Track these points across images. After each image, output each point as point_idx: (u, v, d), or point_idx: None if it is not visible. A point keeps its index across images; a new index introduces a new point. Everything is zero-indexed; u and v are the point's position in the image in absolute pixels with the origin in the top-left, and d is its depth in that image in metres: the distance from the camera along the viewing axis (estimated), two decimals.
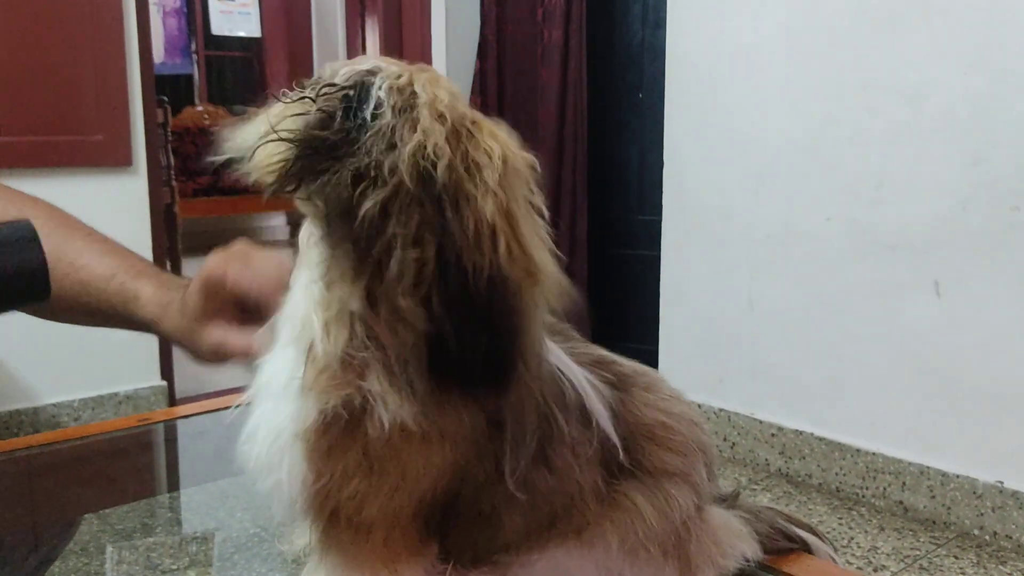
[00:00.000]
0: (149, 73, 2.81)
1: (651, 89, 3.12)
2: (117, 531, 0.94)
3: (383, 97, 0.51)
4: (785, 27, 2.37)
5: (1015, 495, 2.02)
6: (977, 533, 2.09)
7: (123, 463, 1.18)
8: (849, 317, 2.30)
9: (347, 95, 0.52)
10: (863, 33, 2.20)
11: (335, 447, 0.53)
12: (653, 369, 0.67)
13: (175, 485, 1.16)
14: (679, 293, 2.75)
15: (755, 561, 0.69)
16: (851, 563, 1.99)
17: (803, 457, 2.43)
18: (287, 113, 0.52)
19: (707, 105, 2.61)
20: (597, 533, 0.60)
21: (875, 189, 2.21)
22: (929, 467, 2.17)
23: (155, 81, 2.87)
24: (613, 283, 3.37)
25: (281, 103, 0.53)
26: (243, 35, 6.79)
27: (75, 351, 2.72)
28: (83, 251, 0.81)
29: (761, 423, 2.54)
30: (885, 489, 2.25)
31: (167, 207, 4.02)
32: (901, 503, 2.22)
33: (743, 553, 0.68)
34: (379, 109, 0.50)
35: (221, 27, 6.65)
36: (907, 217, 2.16)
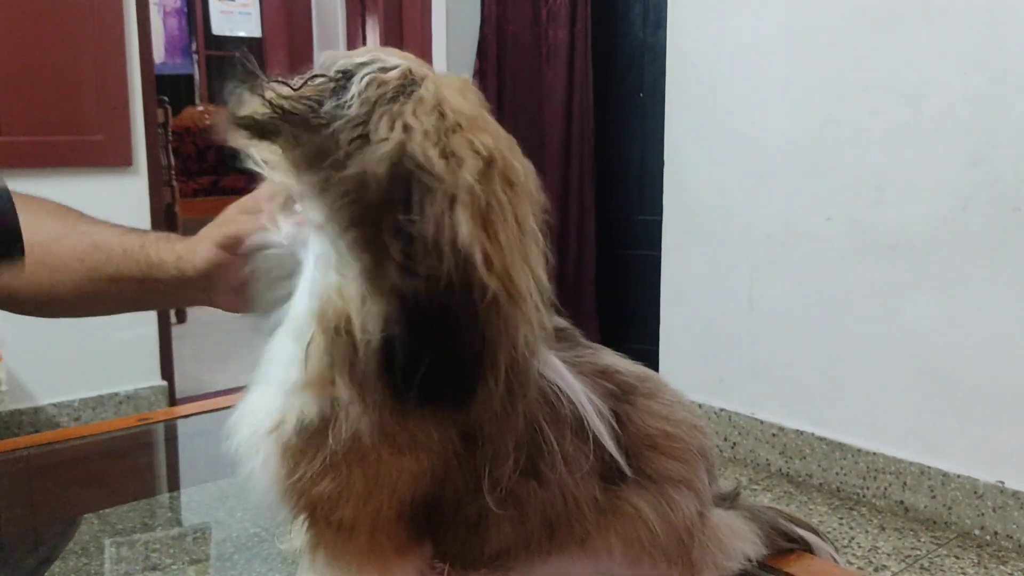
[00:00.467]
0: (149, 73, 2.81)
1: (652, 89, 3.12)
2: (117, 531, 0.94)
3: (360, 88, 0.50)
4: (785, 27, 2.37)
5: (1016, 495, 2.02)
6: (978, 533, 2.09)
7: (123, 463, 1.18)
8: (849, 317, 2.30)
9: (334, 84, 0.51)
10: (863, 33, 2.20)
11: (308, 447, 0.54)
12: (655, 373, 0.67)
13: (175, 485, 1.16)
14: (679, 293, 2.75)
15: (757, 561, 0.70)
16: (852, 563, 1.99)
17: (804, 457, 2.43)
18: (276, 92, 0.52)
19: (707, 105, 2.61)
20: (601, 542, 0.60)
21: (875, 189, 2.21)
22: (930, 467, 2.17)
23: (155, 81, 2.87)
24: (614, 283, 3.37)
25: (270, 87, 0.52)
26: (244, 35, 6.79)
27: (75, 351, 2.72)
28: (95, 223, 0.82)
29: (762, 423, 2.53)
30: (886, 489, 2.25)
31: (167, 207, 4.02)
32: (902, 503, 2.22)
33: (745, 553, 0.69)
34: (352, 99, 0.50)
35: (222, 27, 6.65)
36: (907, 217, 2.16)
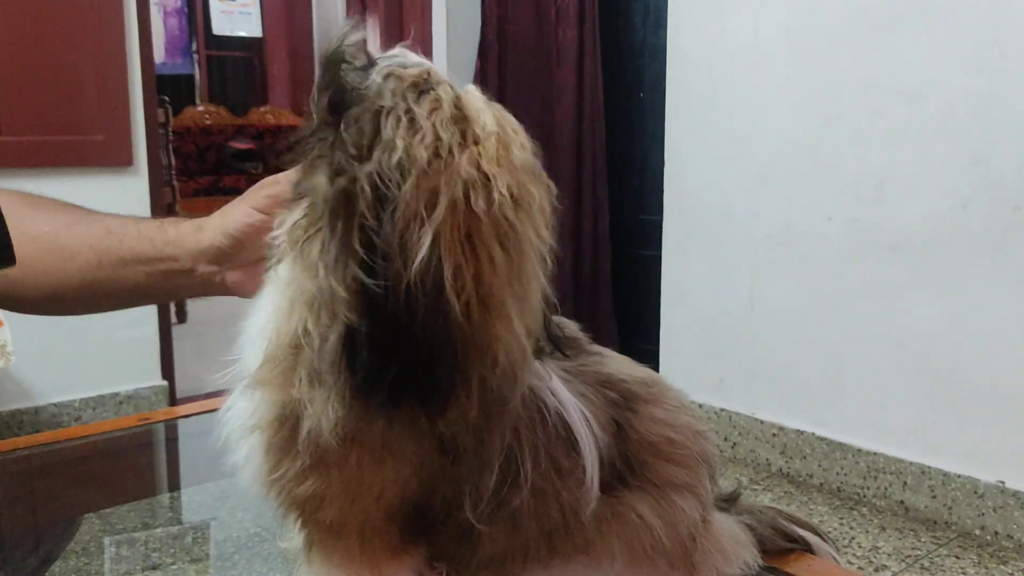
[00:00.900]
0: (150, 73, 2.81)
1: (652, 89, 3.12)
2: (118, 530, 0.94)
3: (378, 83, 0.51)
4: (785, 27, 2.37)
5: (1016, 495, 2.02)
6: (978, 533, 2.09)
7: (124, 463, 1.18)
8: (850, 317, 2.30)
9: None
10: (863, 33, 2.20)
11: (286, 446, 0.54)
12: (660, 377, 0.67)
13: (175, 485, 1.16)
14: (680, 293, 2.75)
15: (757, 565, 0.70)
16: (852, 563, 1.99)
17: (804, 457, 2.43)
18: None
19: (708, 105, 2.61)
20: (604, 548, 0.60)
21: (876, 189, 2.21)
22: (930, 467, 2.16)
23: (156, 81, 2.87)
24: (615, 283, 3.37)
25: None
26: (244, 35, 6.80)
27: (76, 351, 2.72)
28: (109, 214, 0.82)
29: (762, 423, 2.53)
30: (886, 489, 2.25)
31: (168, 207, 4.02)
32: (902, 503, 2.22)
33: (745, 560, 0.69)
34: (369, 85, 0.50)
35: (222, 27, 6.65)
36: (908, 217, 2.16)
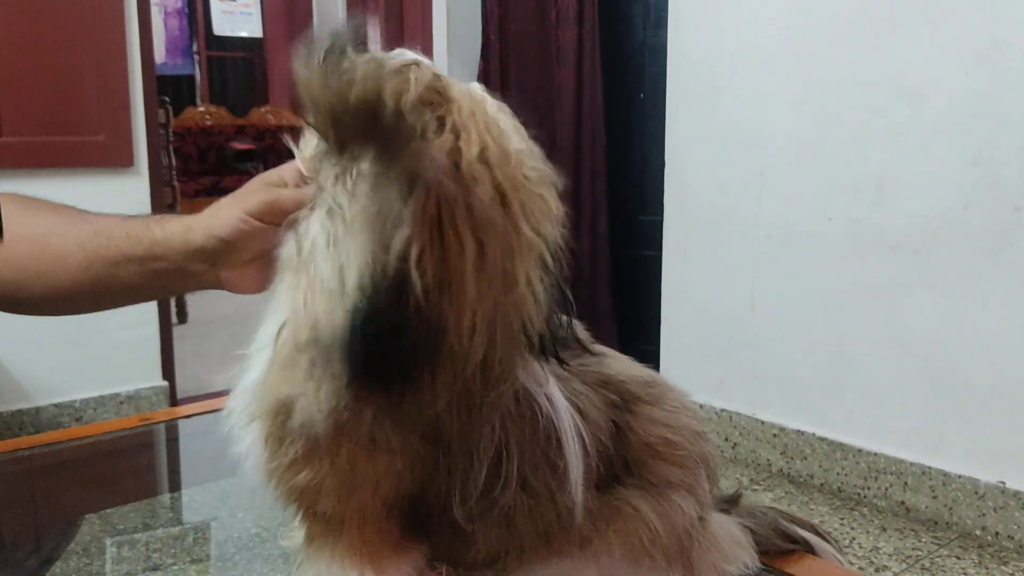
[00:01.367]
0: (150, 73, 2.81)
1: (652, 89, 3.12)
2: (118, 531, 0.94)
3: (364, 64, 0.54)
4: (786, 27, 2.37)
5: (1017, 495, 2.02)
6: (979, 533, 2.09)
7: (124, 463, 1.18)
8: (851, 317, 2.30)
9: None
10: (864, 33, 2.20)
11: (283, 436, 0.55)
12: (661, 378, 0.67)
13: (176, 485, 1.16)
14: (681, 293, 2.75)
15: (755, 566, 0.70)
16: (853, 563, 1.99)
17: (805, 457, 2.43)
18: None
19: (708, 105, 2.61)
20: (602, 544, 0.60)
21: (877, 189, 2.21)
22: (931, 467, 2.16)
23: (156, 81, 2.87)
24: (616, 283, 3.37)
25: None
26: (245, 35, 6.80)
27: (76, 352, 2.72)
28: (97, 214, 0.81)
29: (763, 423, 2.53)
30: (887, 489, 2.25)
31: (168, 207, 4.02)
32: (903, 503, 2.22)
33: (744, 561, 0.69)
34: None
35: (223, 27, 6.66)
36: (909, 217, 2.16)
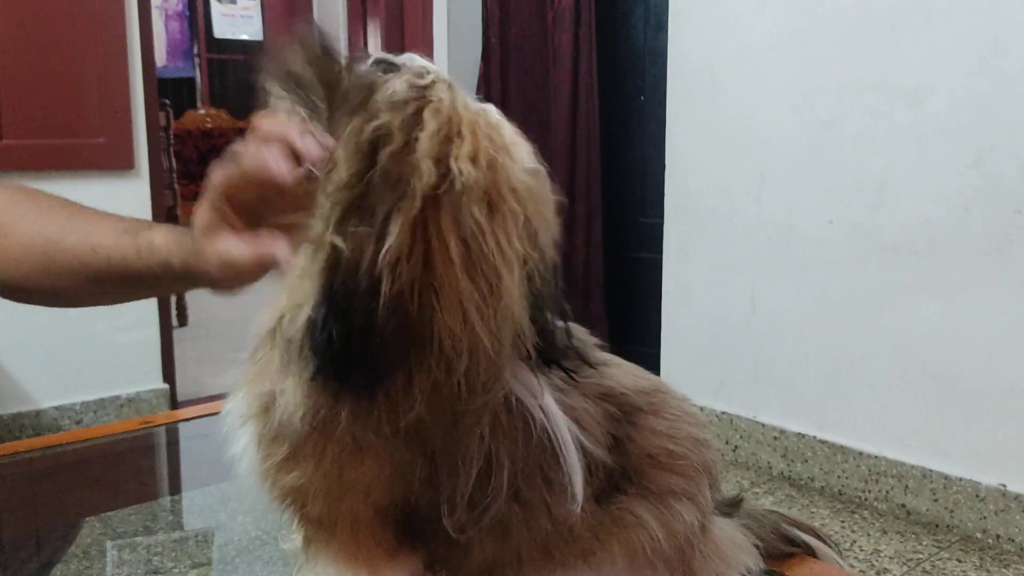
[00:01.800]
0: (151, 76, 2.81)
1: (653, 92, 3.12)
2: (119, 534, 0.94)
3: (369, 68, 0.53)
4: (787, 29, 2.37)
5: (1018, 498, 2.02)
6: (980, 536, 2.08)
7: (125, 466, 1.18)
8: (852, 320, 2.30)
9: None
10: (865, 35, 2.20)
11: (273, 435, 0.55)
12: (664, 386, 0.66)
13: (177, 488, 1.16)
14: (681, 296, 2.75)
15: (758, 569, 0.70)
16: (854, 566, 1.99)
17: (805, 460, 2.43)
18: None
19: (709, 107, 2.61)
20: (604, 553, 0.60)
21: (877, 191, 2.21)
22: (932, 470, 2.16)
23: (157, 84, 2.88)
24: (616, 286, 3.37)
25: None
26: (245, 38, 6.80)
27: (77, 354, 2.72)
28: (89, 218, 0.78)
29: (763, 426, 2.53)
30: (888, 492, 2.25)
31: (169, 210, 4.03)
32: (904, 506, 2.22)
33: (746, 564, 0.69)
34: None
35: (223, 30, 6.66)
36: (910, 219, 2.16)
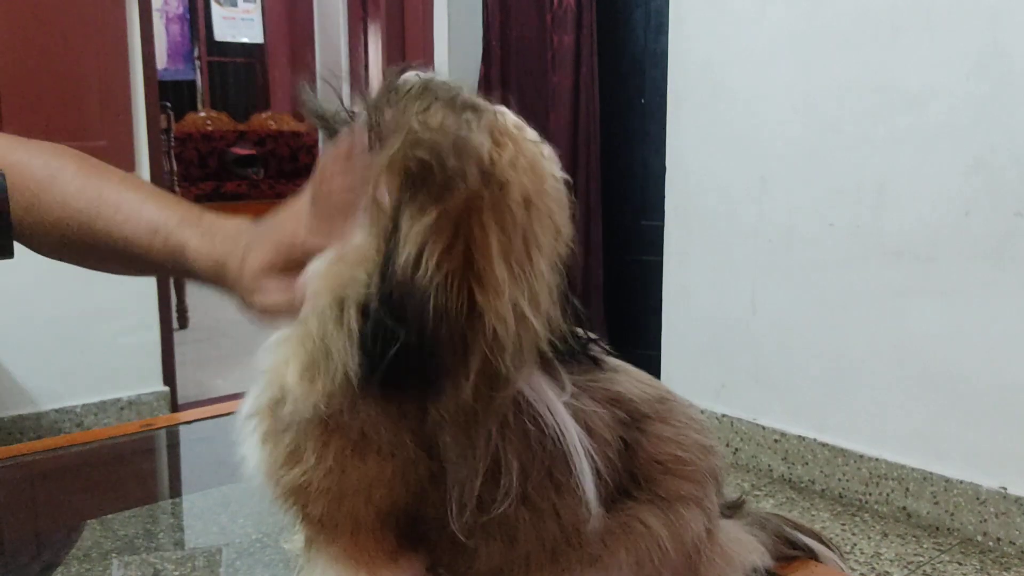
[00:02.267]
0: (152, 79, 2.82)
1: (653, 94, 3.12)
2: (120, 537, 0.94)
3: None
4: (788, 31, 2.38)
5: (1018, 501, 2.02)
6: (980, 539, 2.08)
7: (126, 469, 1.18)
8: (852, 322, 2.30)
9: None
10: (866, 38, 2.21)
11: (278, 433, 0.56)
12: (672, 395, 0.67)
13: (178, 491, 1.16)
14: (682, 298, 2.75)
15: (763, 569, 0.70)
16: (855, 569, 1.99)
17: (806, 463, 2.43)
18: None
19: (710, 109, 2.61)
20: (611, 561, 0.60)
21: (878, 194, 2.21)
22: (932, 473, 2.16)
23: (158, 87, 2.88)
24: (616, 288, 3.37)
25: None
26: (246, 41, 6.81)
27: (77, 357, 2.73)
28: (120, 204, 0.75)
29: (764, 429, 2.53)
30: (888, 495, 2.25)
31: None
32: (904, 509, 2.22)
33: (753, 563, 0.69)
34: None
35: (224, 33, 6.67)
36: (909, 222, 2.16)
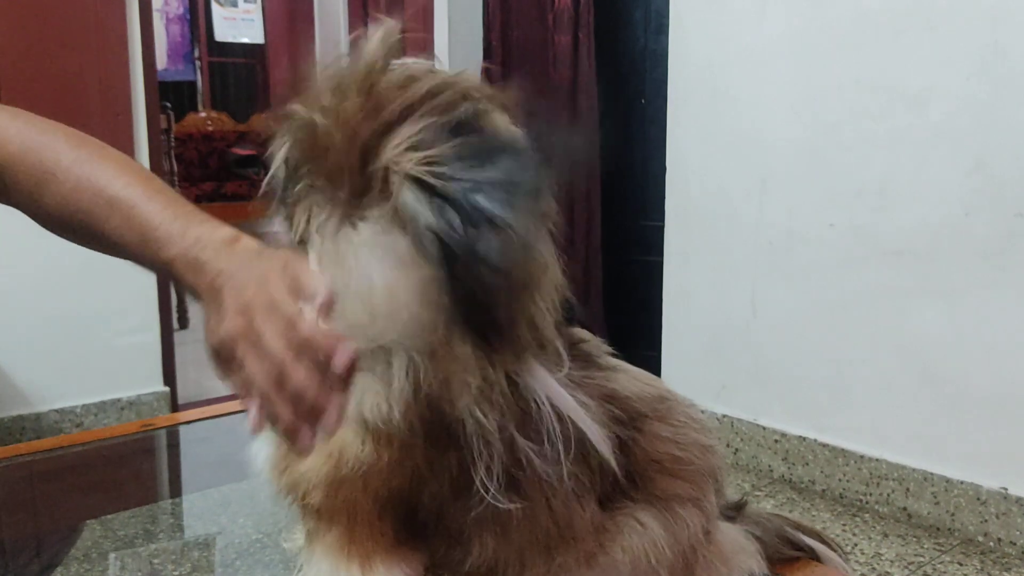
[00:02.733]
0: (152, 79, 2.82)
1: (654, 95, 3.12)
2: (119, 537, 0.94)
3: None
4: (788, 32, 2.37)
5: (1019, 501, 2.02)
6: (981, 539, 2.08)
7: (125, 469, 1.18)
8: (852, 323, 2.30)
9: None
10: (866, 38, 2.20)
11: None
12: (672, 393, 0.67)
13: (177, 491, 1.16)
14: (682, 299, 2.75)
15: (761, 573, 0.70)
16: (855, 570, 1.98)
17: (806, 463, 2.43)
18: None
19: (710, 110, 2.61)
20: (607, 560, 0.60)
21: (878, 195, 2.21)
22: (933, 473, 2.16)
23: (158, 87, 2.88)
24: (617, 288, 3.37)
25: None
26: (246, 41, 6.81)
27: (77, 357, 2.72)
28: (112, 211, 0.73)
29: (764, 429, 2.53)
30: (889, 495, 2.25)
31: None
32: (905, 509, 2.22)
33: (750, 568, 0.69)
34: None
35: (224, 33, 6.67)
36: (910, 223, 2.16)
